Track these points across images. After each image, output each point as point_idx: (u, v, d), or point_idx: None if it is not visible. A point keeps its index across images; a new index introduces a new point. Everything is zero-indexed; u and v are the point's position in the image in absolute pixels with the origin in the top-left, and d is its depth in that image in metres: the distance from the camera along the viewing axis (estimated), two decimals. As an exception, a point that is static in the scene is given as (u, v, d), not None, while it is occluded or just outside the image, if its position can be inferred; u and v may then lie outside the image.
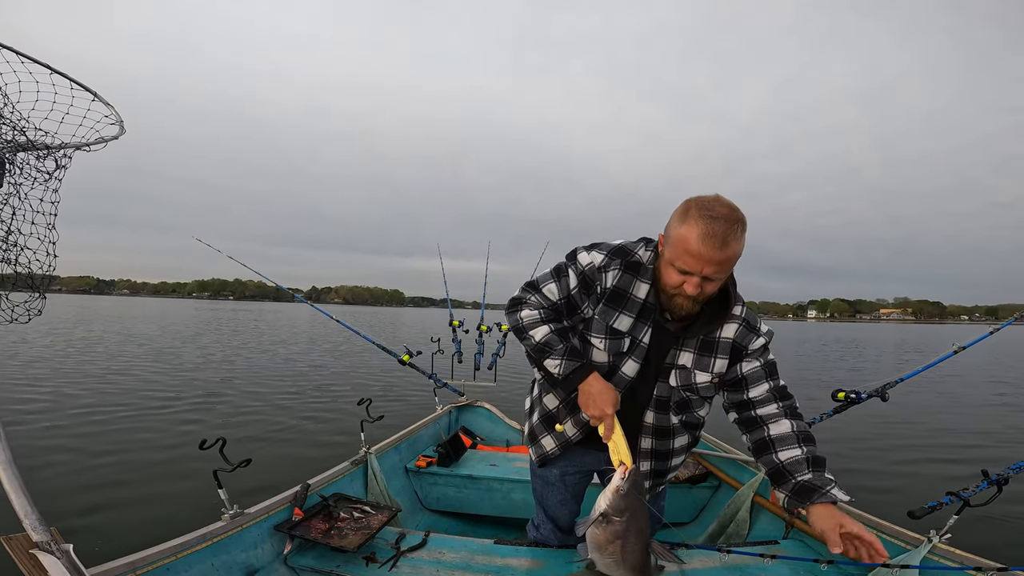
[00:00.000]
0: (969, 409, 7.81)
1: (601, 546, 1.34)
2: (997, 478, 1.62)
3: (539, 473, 1.66)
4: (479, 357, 3.77)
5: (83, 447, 4.29)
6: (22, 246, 1.44)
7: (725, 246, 1.09)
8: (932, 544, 1.56)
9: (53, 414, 5.32)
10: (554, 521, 1.73)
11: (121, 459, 4.06)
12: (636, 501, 1.30)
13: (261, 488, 2.61)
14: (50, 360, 9.01)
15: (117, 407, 5.75)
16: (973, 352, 12.49)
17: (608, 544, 1.33)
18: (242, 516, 1.60)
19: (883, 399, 2.19)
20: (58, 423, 4.98)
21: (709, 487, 2.72)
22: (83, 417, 5.26)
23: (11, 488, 1.00)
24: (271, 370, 9.28)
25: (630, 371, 1.33)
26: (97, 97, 1.53)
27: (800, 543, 1.98)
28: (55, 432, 4.69)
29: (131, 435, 4.71)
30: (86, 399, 6.09)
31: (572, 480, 1.63)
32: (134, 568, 1.23)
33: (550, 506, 1.71)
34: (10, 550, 0.95)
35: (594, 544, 1.37)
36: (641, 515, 1.33)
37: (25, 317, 1.47)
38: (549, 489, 1.67)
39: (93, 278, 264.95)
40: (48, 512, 1.00)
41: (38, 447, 4.20)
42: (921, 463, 4.91)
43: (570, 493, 1.66)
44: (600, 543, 1.34)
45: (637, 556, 1.35)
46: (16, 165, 1.40)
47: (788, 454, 1.25)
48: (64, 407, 5.63)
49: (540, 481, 1.68)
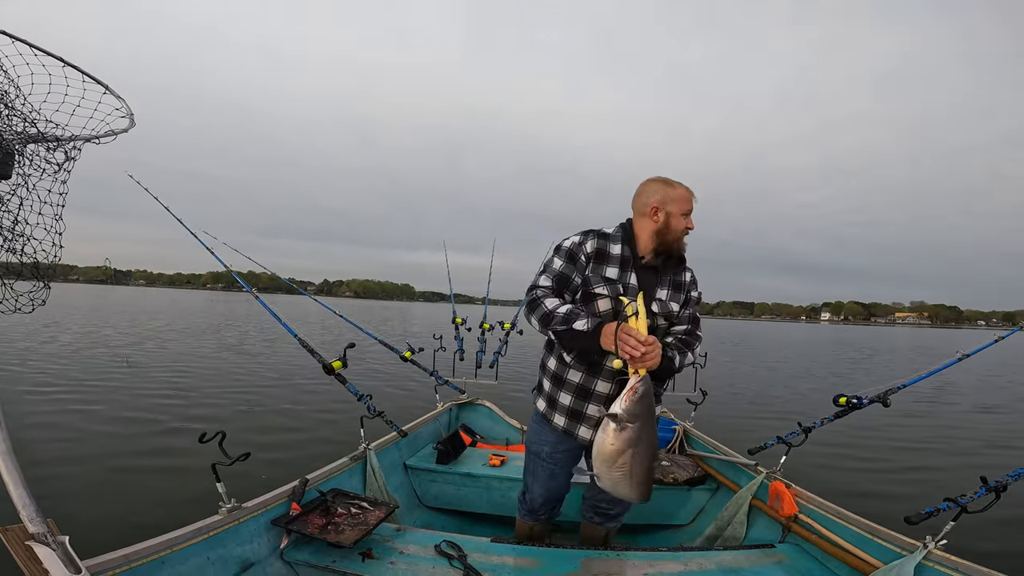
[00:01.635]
0: (971, 415, 7.75)
1: (610, 457, 1.28)
2: (996, 485, 1.61)
3: (532, 449, 1.91)
4: (481, 355, 3.78)
5: (81, 439, 4.34)
6: (28, 236, 1.45)
7: (692, 197, 1.73)
8: (927, 550, 1.55)
9: (53, 405, 5.38)
10: (541, 492, 1.94)
11: (119, 451, 4.10)
12: (649, 408, 1.26)
13: (259, 482, 2.63)
14: (54, 352, 9.11)
15: (116, 399, 5.81)
16: (984, 358, 12.26)
17: (618, 455, 1.27)
18: (239, 510, 1.61)
19: (885, 405, 2.18)
20: (57, 416, 5.03)
21: (707, 489, 2.71)
22: (81, 408, 5.32)
23: (10, 480, 1.01)
24: (275, 362, 9.33)
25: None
26: (108, 90, 1.54)
27: (797, 547, 1.98)
28: (53, 423, 4.74)
29: (130, 427, 4.76)
30: (86, 391, 6.15)
31: (561, 457, 1.85)
32: (129, 560, 1.24)
33: (539, 478, 1.92)
34: (6, 541, 0.96)
35: (602, 457, 1.31)
36: (652, 426, 1.29)
37: (29, 307, 1.49)
38: (540, 463, 1.89)
39: (110, 268, 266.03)
40: (45, 504, 1.01)
41: (36, 439, 4.25)
42: (920, 469, 4.88)
43: (558, 468, 1.88)
44: (609, 454, 1.28)
45: (645, 470, 1.30)
46: (26, 156, 1.42)
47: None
48: (64, 398, 5.69)
49: (532, 456, 1.93)
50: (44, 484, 3.33)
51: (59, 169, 1.48)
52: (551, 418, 1.79)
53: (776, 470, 2.31)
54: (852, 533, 1.83)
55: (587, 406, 1.70)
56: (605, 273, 1.66)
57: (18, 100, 1.38)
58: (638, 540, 2.60)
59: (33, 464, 3.60)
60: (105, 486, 3.42)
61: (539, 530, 2.07)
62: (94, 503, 3.15)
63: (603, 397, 1.68)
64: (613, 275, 1.66)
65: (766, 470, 2.35)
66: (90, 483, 3.45)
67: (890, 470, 4.76)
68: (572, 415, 1.73)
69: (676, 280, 1.76)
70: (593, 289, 1.64)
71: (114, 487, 3.42)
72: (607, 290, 1.64)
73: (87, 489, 3.35)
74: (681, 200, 1.69)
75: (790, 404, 8.22)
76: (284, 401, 6.28)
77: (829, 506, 1.99)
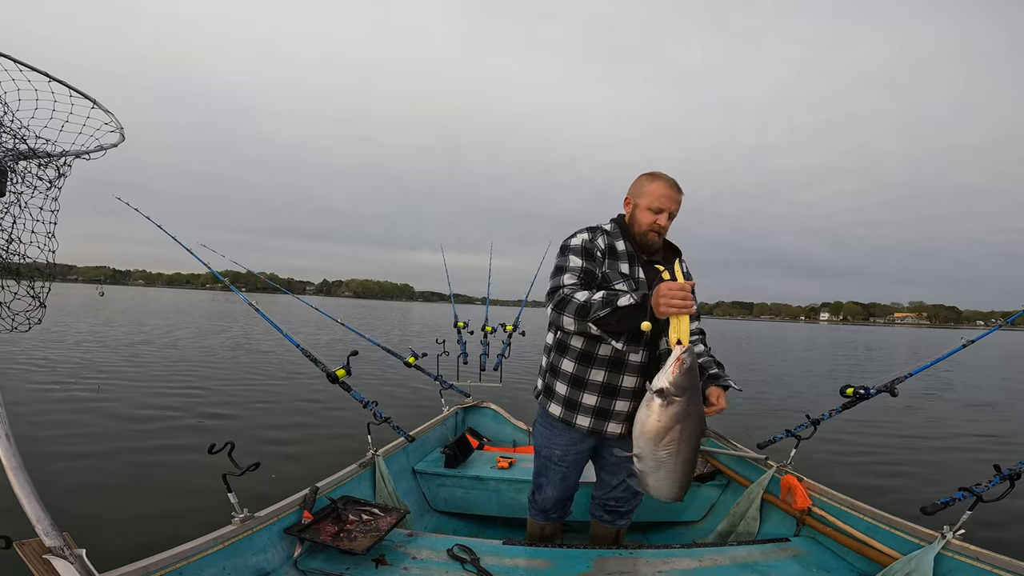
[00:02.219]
0: (979, 407, 7.75)
1: (656, 435, 1.21)
2: (1009, 473, 1.60)
3: (543, 453, 1.91)
4: (484, 358, 3.78)
5: (94, 451, 4.32)
6: (23, 255, 1.44)
7: (681, 191, 1.72)
8: (946, 540, 1.54)
9: (63, 416, 5.35)
10: (554, 494, 1.94)
11: (131, 463, 4.08)
12: (696, 381, 1.21)
13: (270, 491, 2.61)
14: (57, 359, 9.07)
15: (129, 409, 5.78)
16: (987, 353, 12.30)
17: (665, 432, 1.20)
18: (252, 519, 1.60)
19: (892, 394, 2.18)
20: (68, 428, 5.00)
21: (718, 485, 2.71)
22: (94, 420, 5.29)
23: (23, 494, 1.01)
24: (275, 369, 9.30)
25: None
26: (96, 104, 1.54)
27: (812, 540, 1.97)
28: (65, 435, 4.72)
29: (142, 439, 4.73)
30: (97, 401, 6.12)
31: (572, 460, 1.86)
32: (146, 572, 1.23)
33: (551, 481, 1.92)
34: (23, 555, 0.96)
35: (647, 436, 1.23)
36: (699, 401, 1.22)
37: (25, 326, 1.48)
38: (551, 466, 1.89)
39: (109, 268, 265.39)
40: (59, 517, 1.01)
41: (48, 452, 4.23)
42: (933, 460, 4.88)
43: (570, 470, 1.88)
44: (655, 432, 1.20)
45: (692, 448, 1.22)
46: (18, 174, 1.41)
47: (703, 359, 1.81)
48: (75, 408, 5.66)
49: (543, 460, 1.93)
50: (57, 496, 3.31)
51: (51, 186, 1.48)
52: (572, 420, 1.75)
53: (787, 463, 2.31)
54: (868, 525, 1.83)
55: (615, 403, 1.70)
56: (620, 269, 1.68)
57: (6, 117, 1.37)
58: (649, 538, 2.59)
59: (44, 477, 3.58)
60: (119, 495, 3.41)
61: (550, 530, 2.06)
62: (108, 515, 3.12)
63: (630, 392, 1.68)
64: (626, 271, 1.68)
65: (777, 464, 2.35)
66: (103, 494, 3.43)
67: (897, 462, 4.76)
68: (599, 414, 1.72)
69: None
70: (613, 285, 1.65)
71: (129, 496, 3.40)
72: (625, 285, 1.65)
73: (100, 501, 3.33)
74: (651, 195, 1.68)
75: (796, 399, 8.23)
76: (291, 407, 6.25)
77: (843, 498, 1.98)
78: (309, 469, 3.89)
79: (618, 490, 1.93)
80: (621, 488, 1.92)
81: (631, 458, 1.42)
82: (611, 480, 1.94)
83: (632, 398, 1.68)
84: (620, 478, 1.90)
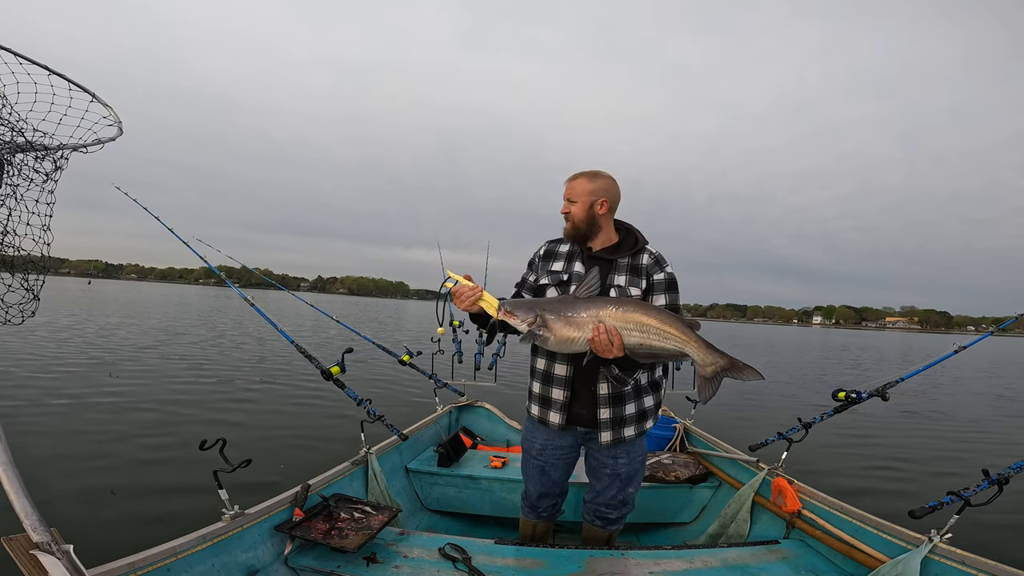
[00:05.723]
0: (970, 411, 7.82)
1: (569, 342, 1.53)
2: (998, 478, 1.62)
3: (524, 447, 2.00)
4: (479, 357, 3.77)
5: (82, 447, 4.28)
6: (17, 247, 1.43)
7: (571, 180, 1.83)
8: (933, 544, 1.56)
9: (53, 414, 5.31)
10: (535, 488, 1.99)
11: (121, 459, 4.05)
12: (522, 304, 1.58)
13: (261, 487, 2.60)
14: (48, 355, 9.00)
15: (118, 406, 5.74)
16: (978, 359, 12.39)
17: (569, 340, 1.53)
18: (243, 516, 1.60)
19: (883, 399, 2.19)
20: (57, 423, 4.96)
21: (710, 487, 2.72)
22: (83, 416, 5.25)
23: (11, 489, 1.00)
24: (268, 365, 9.26)
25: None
26: (95, 98, 1.52)
27: (801, 542, 1.99)
28: (54, 432, 4.68)
29: (131, 435, 4.70)
30: (85, 397, 6.07)
31: (551, 455, 1.92)
32: (134, 568, 1.23)
33: (530, 475, 2.00)
34: (10, 551, 0.95)
35: (572, 349, 1.56)
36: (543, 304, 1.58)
37: (19, 318, 1.47)
38: (529, 460, 1.98)
39: (101, 262, 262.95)
40: (48, 512, 1.00)
41: (37, 447, 4.19)
42: (922, 463, 4.92)
43: (548, 464, 1.93)
44: (565, 341, 1.53)
45: (592, 294, 1.57)
46: (15, 166, 1.40)
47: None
48: (62, 405, 5.62)
49: (524, 454, 2.01)
50: (45, 492, 3.28)
51: (47, 179, 1.47)
52: (530, 410, 1.92)
53: (778, 466, 2.32)
54: (856, 528, 1.84)
55: (551, 391, 1.83)
56: (551, 267, 1.88)
57: (4, 109, 1.36)
58: (641, 539, 2.60)
59: (33, 471, 3.55)
60: (108, 491, 3.38)
61: (542, 529, 2.06)
62: (96, 510, 3.10)
63: (563, 380, 1.80)
64: (558, 268, 1.87)
65: (768, 467, 2.36)
66: (91, 490, 3.40)
67: (886, 466, 4.80)
68: (543, 402, 1.86)
69: (634, 265, 1.81)
70: (540, 282, 1.88)
71: (118, 492, 3.38)
72: (548, 279, 1.85)
73: (89, 496, 3.30)
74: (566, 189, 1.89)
75: (788, 402, 8.27)
76: (284, 403, 6.23)
77: (832, 501, 2.00)
78: (301, 466, 3.88)
79: (606, 496, 1.93)
80: (609, 495, 1.92)
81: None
82: (596, 484, 1.95)
83: (564, 386, 1.82)
84: (604, 483, 1.91)
